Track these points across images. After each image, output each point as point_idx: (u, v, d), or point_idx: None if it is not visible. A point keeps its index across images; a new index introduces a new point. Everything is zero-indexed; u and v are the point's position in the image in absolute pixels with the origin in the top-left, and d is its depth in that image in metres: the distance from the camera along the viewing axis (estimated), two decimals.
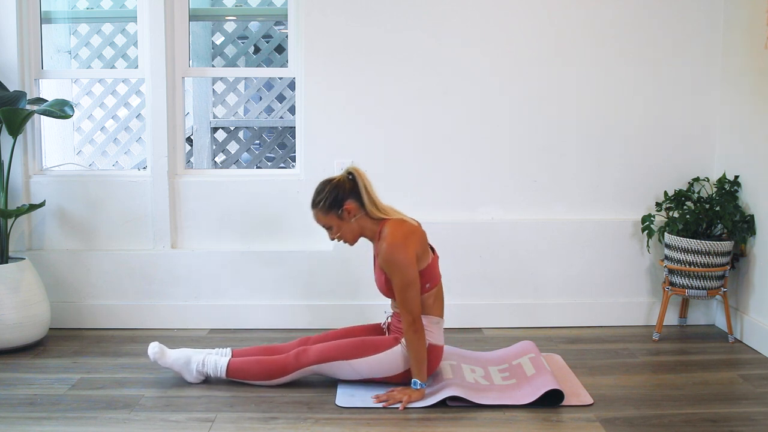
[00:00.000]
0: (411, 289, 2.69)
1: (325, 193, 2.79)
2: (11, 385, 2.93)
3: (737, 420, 2.62)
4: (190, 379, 2.92)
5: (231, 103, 6.40)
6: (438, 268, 2.88)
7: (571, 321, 3.76)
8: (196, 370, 2.91)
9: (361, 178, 2.80)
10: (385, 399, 2.74)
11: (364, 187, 2.79)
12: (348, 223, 2.80)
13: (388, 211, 2.83)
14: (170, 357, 2.92)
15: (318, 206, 2.80)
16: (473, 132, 3.70)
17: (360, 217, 2.80)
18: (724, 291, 3.47)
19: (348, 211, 2.78)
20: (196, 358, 2.92)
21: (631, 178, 3.76)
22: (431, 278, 2.81)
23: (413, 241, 2.74)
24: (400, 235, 2.72)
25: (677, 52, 3.69)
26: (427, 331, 2.79)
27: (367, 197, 2.79)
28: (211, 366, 2.90)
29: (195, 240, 3.75)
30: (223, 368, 2.88)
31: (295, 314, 3.71)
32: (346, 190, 2.78)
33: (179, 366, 2.91)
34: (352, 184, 2.80)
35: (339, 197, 2.77)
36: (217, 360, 2.90)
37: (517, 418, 2.63)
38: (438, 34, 3.64)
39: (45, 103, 3.44)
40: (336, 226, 2.81)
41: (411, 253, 2.71)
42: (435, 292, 2.84)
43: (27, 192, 3.69)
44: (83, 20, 5.55)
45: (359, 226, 2.82)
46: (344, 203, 2.77)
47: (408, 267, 2.68)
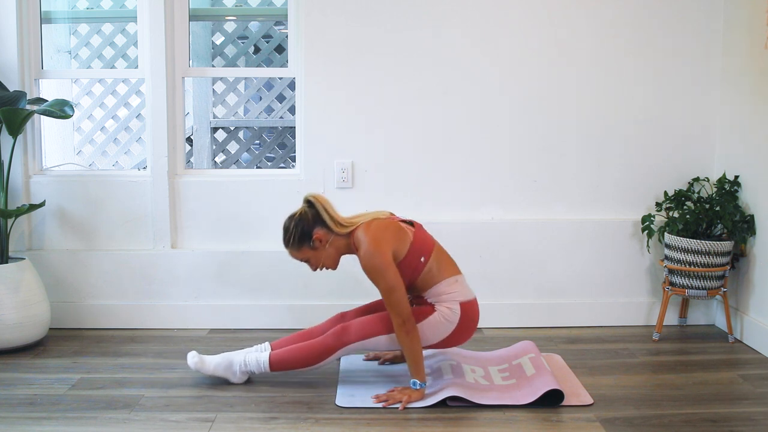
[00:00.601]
0: (395, 292, 2.69)
1: (291, 230, 2.79)
2: (11, 385, 2.93)
3: (737, 420, 2.62)
4: (234, 380, 2.92)
5: (231, 103, 6.40)
6: (426, 236, 2.88)
7: (571, 321, 3.76)
8: (239, 371, 2.90)
9: (319, 202, 2.81)
10: (385, 399, 2.74)
11: (324, 210, 2.79)
12: (323, 250, 2.81)
13: (350, 221, 2.83)
14: (211, 364, 2.91)
15: (289, 244, 2.81)
16: (473, 132, 3.70)
17: (332, 239, 2.80)
18: (724, 291, 3.47)
19: (319, 240, 2.79)
20: (237, 359, 2.91)
21: (631, 178, 3.76)
22: (422, 250, 2.81)
23: (385, 240, 2.74)
24: (369, 240, 2.72)
25: (677, 52, 3.69)
26: (450, 293, 2.81)
27: (329, 219, 2.79)
28: (253, 363, 2.88)
29: (195, 240, 3.75)
30: (266, 363, 2.87)
31: (295, 314, 3.71)
32: (310, 220, 2.79)
33: (222, 370, 2.90)
34: (313, 212, 2.80)
35: (305, 229, 2.78)
36: (258, 356, 2.89)
37: (517, 418, 2.63)
38: (438, 34, 3.64)
39: (45, 103, 3.44)
40: (313, 258, 2.82)
41: (386, 254, 2.71)
42: (435, 257, 2.84)
43: (27, 192, 3.69)
44: (83, 20, 5.55)
45: (335, 249, 2.82)
46: (312, 233, 2.78)
47: (386, 270, 2.68)
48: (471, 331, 2.89)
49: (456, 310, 2.82)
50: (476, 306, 2.90)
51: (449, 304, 2.82)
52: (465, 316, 2.83)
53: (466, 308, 2.84)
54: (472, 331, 2.90)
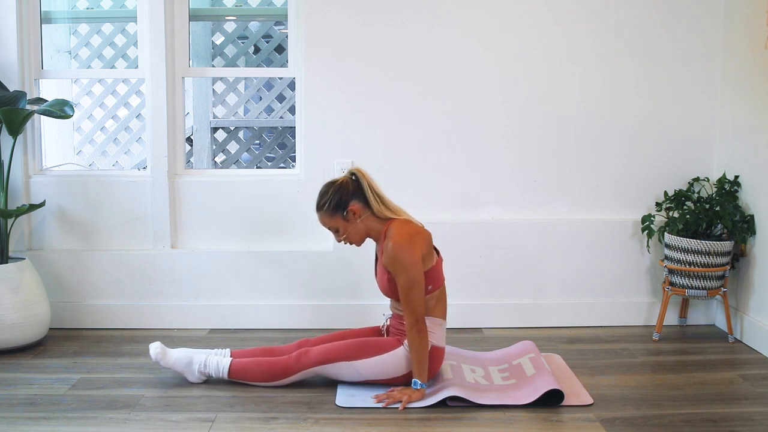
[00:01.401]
0: (415, 289, 2.68)
1: (329, 195, 2.78)
2: (11, 385, 2.93)
3: (737, 420, 2.62)
4: (192, 379, 2.92)
5: (231, 103, 6.40)
6: (442, 271, 2.88)
7: (571, 321, 3.76)
8: (198, 371, 2.91)
9: (365, 178, 2.80)
10: (385, 399, 2.74)
11: (368, 186, 2.79)
12: (354, 224, 2.79)
13: (397, 210, 2.83)
14: (172, 357, 2.91)
15: (323, 209, 2.80)
16: (473, 132, 3.70)
17: (366, 217, 2.79)
18: (724, 291, 3.47)
19: (353, 212, 2.77)
20: (198, 358, 2.92)
21: (631, 178, 3.76)
22: (434, 280, 2.81)
23: (419, 242, 2.74)
24: (405, 235, 2.72)
25: (677, 52, 3.69)
26: (431, 332, 2.79)
27: (373, 196, 2.78)
28: (213, 367, 2.89)
29: (195, 240, 3.75)
30: (226, 369, 2.88)
31: (295, 314, 3.71)
32: (350, 191, 2.78)
33: (181, 366, 2.91)
34: (355, 185, 2.80)
35: (343, 199, 2.77)
36: (219, 361, 2.90)
37: (517, 418, 2.63)
38: (439, 34, 3.64)
39: (45, 103, 3.44)
40: (342, 228, 2.81)
41: (417, 253, 2.71)
42: (437, 294, 2.84)
43: (27, 192, 3.69)
44: (83, 20, 5.55)
45: (365, 227, 2.81)
46: (349, 204, 2.77)
47: (413, 266, 2.68)
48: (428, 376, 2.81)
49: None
50: (442, 356, 2.87)
51: None
52: (430, 360, 2.79)
53: (435, 353, 2.81)
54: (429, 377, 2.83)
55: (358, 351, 2.82)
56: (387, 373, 2.82)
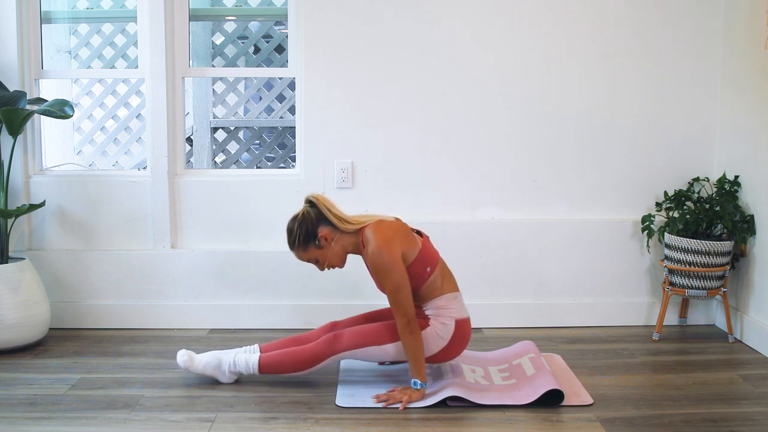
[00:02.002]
0: (401, 291, 2.69)
1: (296, 230, 2.79)
2: (11, 385, 2.93)
3: (737, 420, 2.62)
4: (223, 380, 2.92)
5: (231, 103, 6.40)
6: (432, 248, 2.88)
7: (571, 321, 3.76)
8: (228, 371, 2.90)
9: (321, 202, 2.80)
10: (385, 399, 2.74)
11: (327, 209, 2.79)
12: (329, 248, 2.80)
13: (359, 219, 2.82)
14: (200, 363, 2.90)
15: (295, 245, 2.81)
16: (473, 132, 3.70)
17: (338, 237, 2.80)
18: (724, 291, 3.47)
19: (324, 238, 2.78)
20: (226, 359, 2.91)
21: (631, 178, 3.76)
22: (429, 260, 2.81)
23: (396, 240, 2.74)
24: (380, 238, 2.72)
25: (677, 52, 3.69)
26: (448, 309, 2.81)
27: (333, 216, 2.78)
28: (242, 364, 2.88)
29: (195, 240, 3.75)
30: (255, 365, 2.87)
31: (295, 314, 3.71)
32: (314, 219, 2.79)
33: (211, 370, 2.90)
34: (316, 211, 2.80)
35: (310, 229, 2.78)
36: (248, 358, 2.89)
37: (517, 418, 2.63)
38: (439, 34, 3.64)
39: (45, 103, 3.44)
40: (320, 257, 2.82)
41: (396, 253, 2.71)
42: (439, 271, 2.84)
43: (27, 192, 3.69)
44: (83, 20, 5.55)
45: (341, 247, 2.81)
46: (318, 232, 2.77)
47: (395, 268, 2.69)
48: (462, 348, 2.87)
49: (450, 326, 2.81)
50: (469, 325, 2.89)
51: (445, 319, 2.82)
52: (458, 333, 2.82)
53: (460, 325, 2.83)
54: (463, 349, 2.88)
55: (387, 334, 2.80)
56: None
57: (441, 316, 2.82)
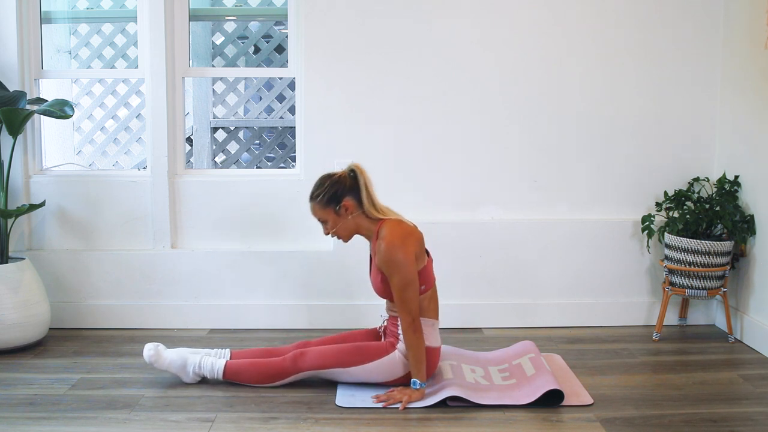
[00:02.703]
0: (410, 289, 2.69)
1: (325, 187, 2.79)
2: (11, 385, 2.93)
3: (737, 420, 2.62)
4: (186, 380, 2.92)
5: (231, 103, 6.40)
6: (433, 272, 2.88)
7: (571, 321, 3.76)
8: (192, 372, 2.90)
9: (363, 176, 2.80)
10: (385, 399, 2.74)
11: (364, 185, 2.79)
12: (345, 219, 2.80)
13: (385, 211, 2.83)
14: (166, 359, 2.91)
15: (316, 200, 2.80)
16: (473, 132, 3.70)
17: (357, 215, 2.80)
18: (724, 291, 3.47)
19: (346, 208, 2.78)
20: (192, 359, 2.91)
21: (631, 178, 3.76)
22: (426, 281, 2.81)
23: (412, 242, 2.74)
24: (398, 235, 2.72)
25: (677, 52, 3.69)
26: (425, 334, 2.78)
27: (366, 196, 2.79)
28: (207, 368, 2.89)
29: (195, 240, 3.75)
30: (220, 370, 2.88)
31: (294, 314, 3.71)
32: (346, 187, 2.79)
33: (176, 368, 2.91)
34: (352, 181, 2.80)
35: (338, 193, 2.78)
36: (214, 362, 2.90)
37: (517, 418, 2.63)
38: (439, 34, 3.64)
39: (45, 103, 3.44)
40: (332, 222, 2.81)
41: (410, 252, 2.71)
42: (429, 295, 2.84)
43: (27, 192, 3.69)
44: (83, 20, 5.55)
45: (355, 224, 2.82)
46: (343, 199, 2.77)
47: (407, 266, 2.69)
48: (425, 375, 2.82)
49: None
50: (438, 355, 2.88)
51: None
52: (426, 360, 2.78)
53: (430, 354, 2.81)
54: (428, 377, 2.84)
55: (352, 357, 2.82)
56: (382, 377, 2.83)
57: None
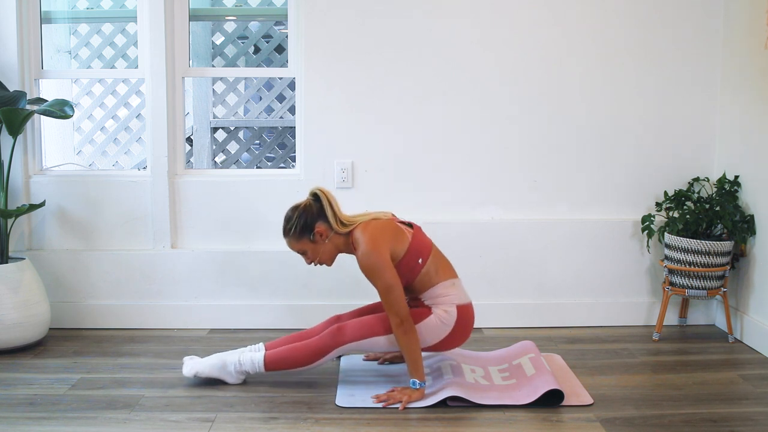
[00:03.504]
0: (393, 292, 2.69)
1: (294, 219, 2.79)
2: (11, 385, 2.93)
3: (737, 420, 2.62)
4: (231, 381, 2.91)
5: (231, 103, 6.40)
6: (424, 237, 2.88)
7: (571, 321, 3.76)
8: (235, 371, 2.89)
9: (325, 196, 2.80)
10: (385, 399, 2.74)
11: (328, 205, 2.79)
12: (322, 244, 2.81)
13: (352, 220, 2.82)
14: (207, 366, 2.90)
15: (289, 234, 2.81)
16: (473, 132, 3.70)
17: (332, 236, 2.80)
18: (724, 291, 3.47)
19: (320, 234, 2.79)
20: (231, 359, 2.90)
21: (631, 178, 3.76)
22: (420, 252, 2.81)
23: (383, 240, 2.74)
24: (367, 240, 2.72)
25: (677, 52, 3.69)
26: (447, 296, 2.81)
27: (332, 215, 2.79)
28: (248, 363, 2.88)
29: (195, 240, 3.75)
30: (261, 362, 2.86)
31: (295, 314, 3.71)
32: (314, 213, 2.79)
33: (217, 372, 2.89)
34: (318, 205, 2.81)
35: (308, 221, 2.78)
36: (253, 356, 2.88)
37: (517, 418, 2.63)
38: (439, 33, 3.64)
39: (45, 103, 3.44)
40: (311, 251, 2.82)
41: (384, 254, 2.71)
42: (433, 260, 2.84)
43: (27, 192, 3.69)
44: (83, 20, 5.55)
45: (333, 246, 2.82)
46: (314, 226, 2.78)
47: (384, 270, 2.69)
48: (467, 334, 2.89)
49: (452, 313, 2.82)
50: (472, 310, 2.90)
51: (446, 306, 2.82)
52: (461, 318, 2.83)
53: (463, 311, 2.84)
54: (468, 335, 2.90)
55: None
56: (423, 342, 2.81)
57: (441, 304, 2.83)
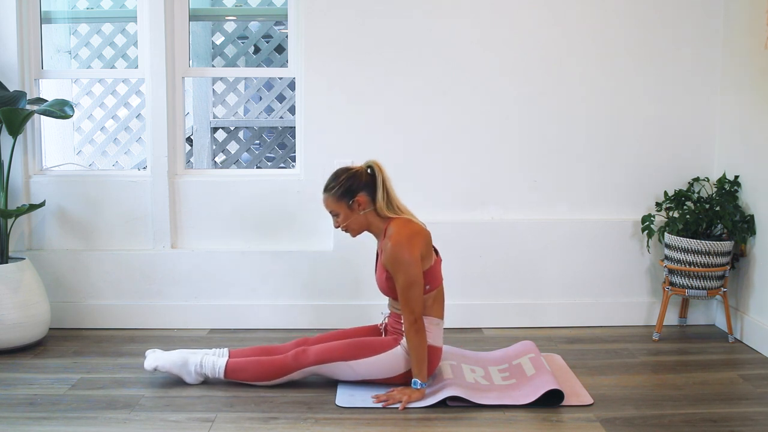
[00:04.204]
0: (414, 289, 2.69)
1: (341, 180, 2.79)
2: (11, 385, 2.93)
3: (737, 420, 2.62)
4: (189, 380, 2.92)
5: (231, 103, 6.40)
6: (440, 271, 2.88)
7: (571, 321, 3.76)
8: (194, 372, 2.91)
9: (381, 174, 2.80)
10: (385, 399, 2.74)
11: (382, 183, 2.79)
12: (356, 214, 2.80)
13: (399, 210, 2.83)
14: (168, 361, 2.91)
15: (330, 191, 2.80)
16: (473, 132, 3.70)
17: (369, 211, 2.80)
18: (724, 291, 3.47)
19: (359, 203, 2.79)
20: (193, 359, 2.92)
21: (631, 177, 3.76)
22: (432, 280, 2.81)
23: (418, 241, 2.74)
24: (405, 234, 2.72)
25: (677, 52, 3.69)
26: (428, 332, 2.79)
27: (382, 194, 2.79)
28: (209, 367, 2.90)
29: (195, 240, 3.75)
30: (222, 369, 2.88)
31: (295, 314, 3.71)
32: (362, 182, 2.79)
33: (177, 369, 2.91)
34: (369, 177, 2.81)
35: (353, 187, 2.78)
36: (215, 361, 2.90)
37: (517, 418, 2.63)
38: (439, 33, 3.64)
39: (45, 103, 3.44)
40: (344, 215, 2.81)
41: (416, 252, 2.71)
42: (435, 294, 2.84)
43: (27, 192, 3.69)
44: (83, 20, 5.55)
45: (366, 220, 2.82)
46: (357, 194, 2.78)
47: (411, 266, 2.69)
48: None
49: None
50: (440, 356, 2.88)
51: None
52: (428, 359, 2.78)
53: (432, 353, 2.81)
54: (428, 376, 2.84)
55: (355, 351, 2.82)
56: (384, 372, 2.83)
57: None
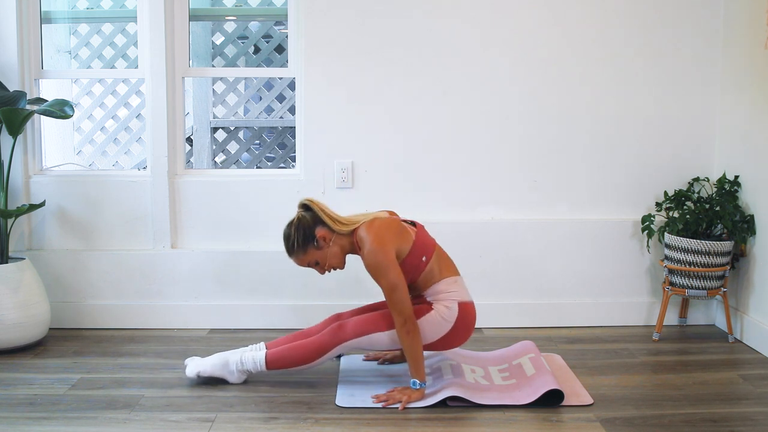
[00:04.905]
0: (397, 291, 2.69)
1: (293, 234, 2.80)
2: (11, 385, 2.93)
3: (737, 420, 2.62)
4: (232, 380, 2.91)
5: (231, 103, 6.41)
6: (427, 236, 2.89)
7: (571, 321, 3.76)
8: (237, 370, 2.90)
9: (315, 204, 2.82)
10: (385, 399, 2.74)
11: (321, 211, 2.81)
12: (328, 249, 2.81)
13: (353, 219, 2.84)
14: (209, 366, 2.91)
15: (294, 249, 2.82)
16: (473, 132, 3.70)
17: (335, 238, 2.81)
18: (724, 291, 3.47)
19: (323, 238, 2.80)
20: (233, 358, 2.91)
21: (631, 177, 3.76)
22: (424, 250, 2.82)
23: (388, 238, 2.75)
24: (371, 238, 2.73)
25: (677, 52, 3.69)
26: (449, 292, 2.81)
27: (328, 218, 2.80)
28: (249, 362, 2.88)
29: (195, 240, 3.75)
30: (262, 361, 2.87)
31: (295, 314, 3.71)
32: (309, 222, 2.80)
33: (219, 371, 2.90)
34: (311, 214, 2.82)
35: (307, 231, 2.79)
36: (255, 355, 2.89)
37: (517, 418, 2.63)
38: (439, 33, 3.64)
39: (45, 103, 3.44)
40: (320, 258, 2.83)
41: (389, 252, 2.71)
42: (436, 258, 2.85)
43: (27, 192, 3.69)
44: (83, 20, 5.55)
45: (339, 247, 2.83)
46: (315, 233, 2.79)
47: (389, 269, 2.69)
48: (468, 332, 2.88)
49: (454, 309, 2.82)
50: (473, 309, 2.89)
51: (447, 302, 2.83)
52: (462, 315, 2.83)
53: (464, 308, 2.84)
54: (470, 333, 2.89)
55: (392, 320, 2.78)
56: (424, 338, 2.80)
57: (443, 300, 2.83)
